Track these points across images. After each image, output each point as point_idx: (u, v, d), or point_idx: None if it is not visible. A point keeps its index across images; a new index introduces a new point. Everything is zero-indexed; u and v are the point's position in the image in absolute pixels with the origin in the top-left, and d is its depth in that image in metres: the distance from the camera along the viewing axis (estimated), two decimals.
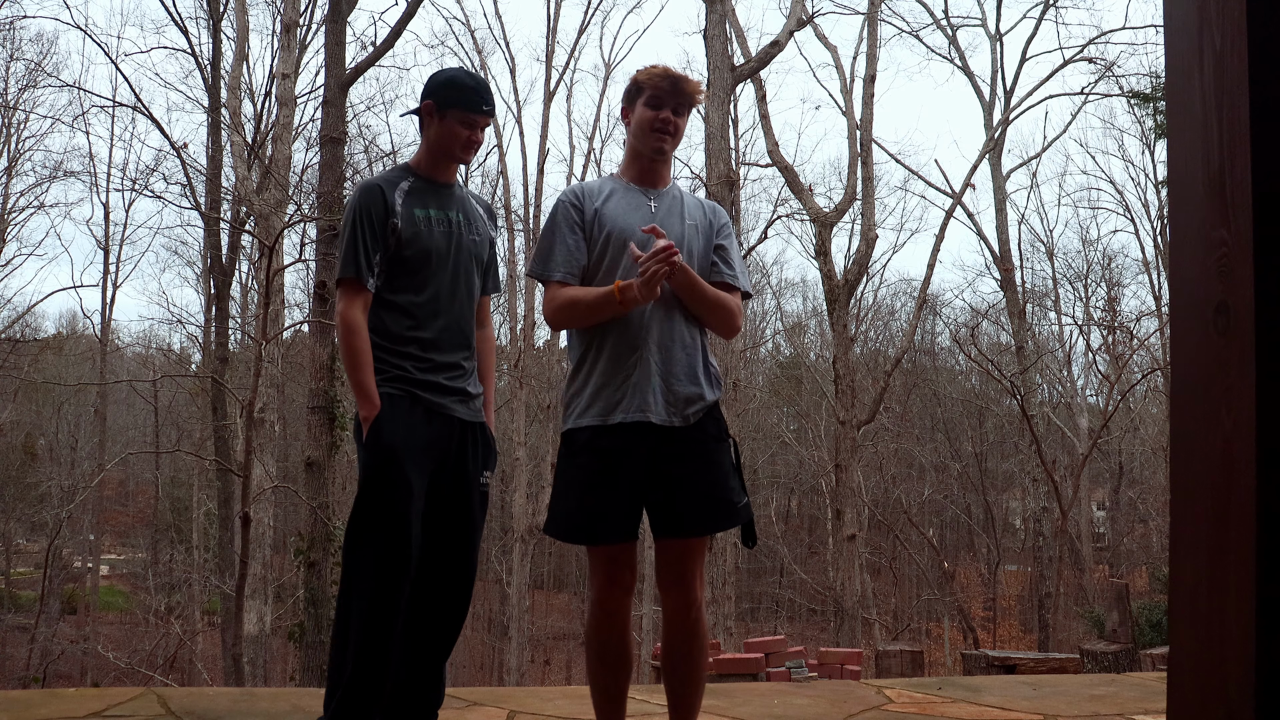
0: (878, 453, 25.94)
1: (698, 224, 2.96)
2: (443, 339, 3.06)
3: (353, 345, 2.96)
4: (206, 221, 19.05)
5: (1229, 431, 1.16)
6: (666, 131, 2.91)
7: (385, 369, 3.00)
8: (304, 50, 17.55)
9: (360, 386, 2.95)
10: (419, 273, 3.04)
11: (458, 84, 3.09)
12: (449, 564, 3.07)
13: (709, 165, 12.62)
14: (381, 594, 2.91)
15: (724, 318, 2.90)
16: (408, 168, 3.16)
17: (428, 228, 3.05)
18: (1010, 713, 4.01)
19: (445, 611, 3.09)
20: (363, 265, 2.99)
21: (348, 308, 2.99)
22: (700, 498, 2.81)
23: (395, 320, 3.03)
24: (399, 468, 2.93)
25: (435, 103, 3.08)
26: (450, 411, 3.05)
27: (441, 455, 3.04)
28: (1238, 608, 1.14)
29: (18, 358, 21.17)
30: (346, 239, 3.02)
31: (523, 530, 21.32)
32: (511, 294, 23.06)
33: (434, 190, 3.12)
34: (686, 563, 2.85)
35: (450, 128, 3.07)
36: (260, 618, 13.16)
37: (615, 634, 2.87)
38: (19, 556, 27.96)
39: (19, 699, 3.99)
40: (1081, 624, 19.57)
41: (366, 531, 2.95)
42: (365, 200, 3.02)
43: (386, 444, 2.93)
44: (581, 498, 2.81)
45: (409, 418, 2.98)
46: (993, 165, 22.58)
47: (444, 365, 3.05)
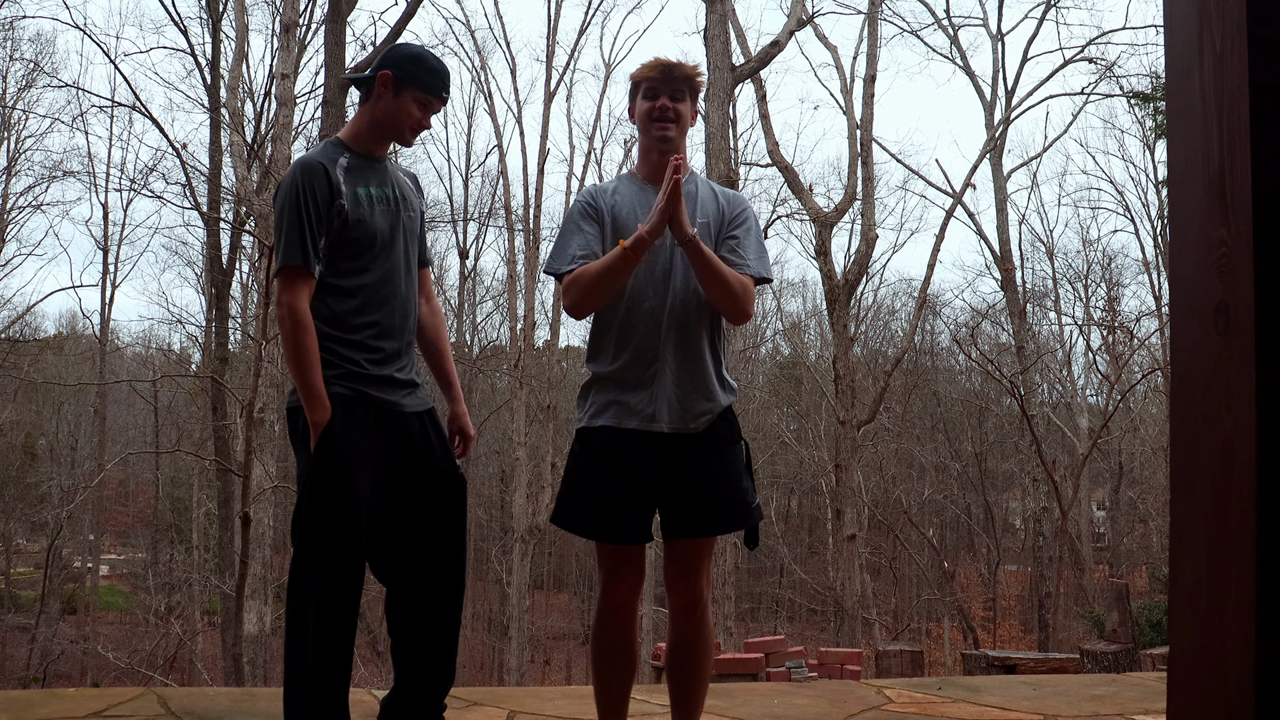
0: (878, 453, 25.93)
1: (710, 222, 2.89)
2: (392, 324, 2.93)
3: (300, 341, 2.77)
4: (206, 221, 19.06)
5: (1229, 431, 1.16)
6: (666, 119, 2.84)
7: (335, 363, 2.84)
8: (304, 50, 17.56)
9: (310, 388, 2.77)
10: (363, 254, 2.88)
11: (423, 62, 2.92)
12: (435, 557, 3.00)
13: (709, 165, 12.62)
14: (334, 609, 2.83)
15: (733, 296, 2.77)
16: (340, 142, 2.97)
17: (369, 206, 2.89)
18: (1010, 713, 4.01)
19: (441, 604, 3.03)
20: (309, 251, 2.81)
21: (293, 298, 2.78)
22: (711, 499, 2.82)
23: (341, 304, 2.86)
24: (348, 480, 2.80)
25: (394, 76, 2.89)
26: (402, 408, 2.94)
27: (401, 452, 2.94)
28: (1238, 608, 1.14)
29: (18, 358, 21.18)
30: (288, 222, 2.82)
31: (523, 530, 21.31)
32: (511, 294, 23.05)
33: (371, 167, 2.95)
34: (694, 561, 2.86)
35: (404, 105, 2.91)
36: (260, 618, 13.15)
37: (621, 633, 2.88)
38: (19, 556, 27.95)
39: (19, 699, 3.99)
40: (1081, 624, 19.57)
41: (315, 546, 2.83)
42: (308, 180, 2.83)
43: (339, 457, 2.79)
44: (595, 495, 2.83)
45: (361, 424, 2.84)
46: (993, 165, 22.58)
47: (394, 354, 2.93)
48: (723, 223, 2.91)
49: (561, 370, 25.70)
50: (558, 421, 22.73)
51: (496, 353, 28.89)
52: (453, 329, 28.30)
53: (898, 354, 20.83)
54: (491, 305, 30.87)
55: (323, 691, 2.84)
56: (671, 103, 2.85)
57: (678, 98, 2.86)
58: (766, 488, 30.02)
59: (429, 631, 3.03)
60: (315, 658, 2.82)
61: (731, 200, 2.96)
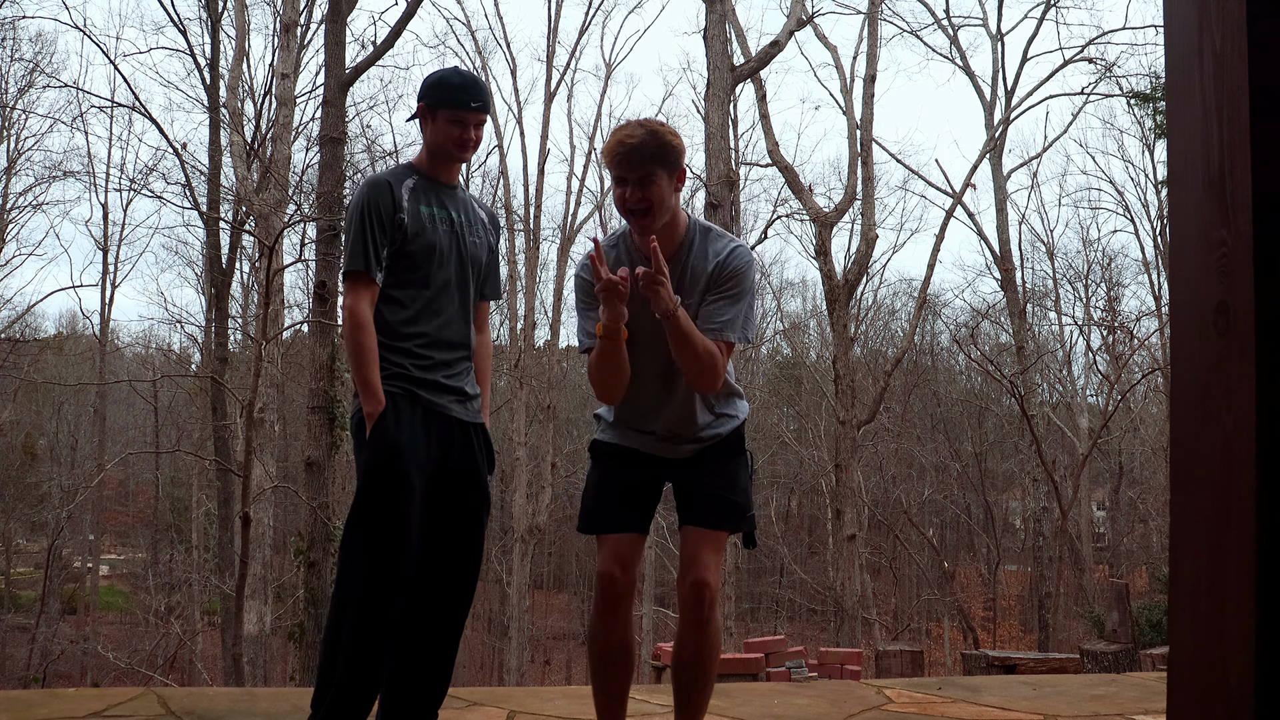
0: (878, 453, 25.94)
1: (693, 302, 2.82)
2: (442, 336, 3.06)
3: (360, 341, 2.96)
4: (206, 221, 19.05)
5: (1229, 431, 1.16)
6: (638, 211, 2.73)
7: (385, 365, 2.99)
8: (304, 50, 17.56)
9: (366, 383, 2.95)
10: (421, 268, 3.04)
11: (445, 83, 3.09)
12: (454, 563, 3.09)
13: (709, 165, 12.62)
14: (377, 595, 2.93)
15: (698, 368, 2.76)
16: (411, 166, 3.16)
17: (432, 224, 3.06)
18: (1010, 713, 4.01)
19: (448, 611, 3.10)
20: (371, 259, 2.99)
21: (355, 301, 2.98)
22: (707, 497, 2.92)
23: (395, 314, 3.03)
24: (402, 467, 2.93)
25: (427, 104, 3.08)
26: (448, 411, 3.05)
27: (442, 455, 3.04)
28: (1238, 608, 1.14)
29: (18, 358, 21.16)
30: (354, 232, 3.02)
31: (523, 530, 21.31)
32: (512, 294, 23.05)
33: (437, 189, 3.12)
34: (698, 550, 2.89)
35: (443, 128, 3.06)
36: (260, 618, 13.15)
37: (617, 632, 2.91)
38: (19, 556, 27.95)
39: (19, 699, 3.99)
40: (1081, 624, 19.58)
41: (366, 531, 2.96)
42: (373, 194, 3.02)
43: (391, 443, 2.93)
44: (599, 493, 2.97)
45: (410, 417, 2.98)
46: (993, 165, 22.58)
47: (442, 363, 3.06)
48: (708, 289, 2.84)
49: (561, 370, 25.71)
50: (558, 421, 22.75)
51: (497, 353, 28.90)
52: None
53: (898, 354, 20.84)
54: (492, 305, 30.86)
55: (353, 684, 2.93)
56: (641, 190, 2.71)
57: (646, 183, 2.71)
58: (766, 488, 30.02)
59: (432, 640, 3.07)
60: (350, 648, 2.92)
61: (721, 263, 2.83)
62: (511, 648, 21.63)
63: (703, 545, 2.90)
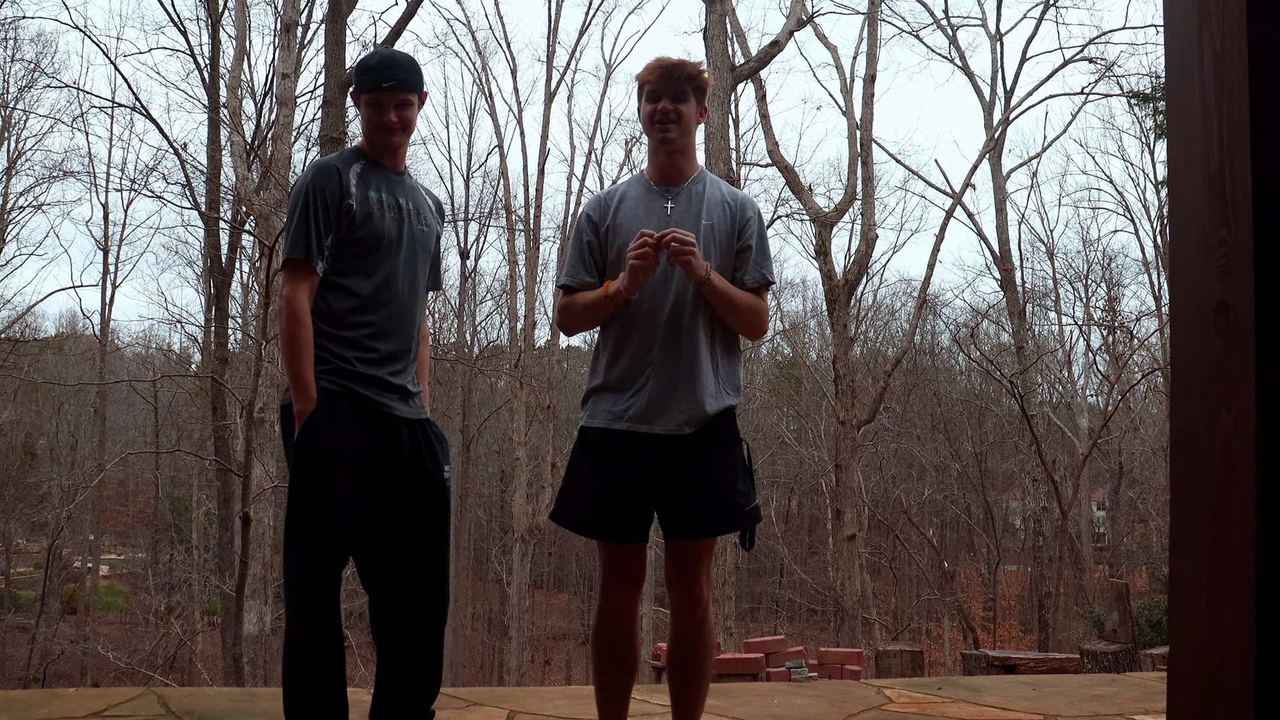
0: (878, 453, 25.93)
1: (715, 224, 2.90)
2: (389, 327, 2.96)
3: (294, 334, 2.85)
4: (206, 221, 19.05)
5: (1229, 431, 1.16)
6: (668, 120, 2.87)
7: (326, 358, 2.89)
8: (304, 50, 17.56)
9: (298, 378, 2.84)
10: (368, 255, 2.94)
11: (362, 66, 3.04)
12: (419, 561, 3.00)
13: (709, 165, 12.63)
14: (312, 599, 2.87)
15: (748, 321, 2.89)
16: (359, 150, 3.07)
17: (380, 210, 2.96)
18: (1010, 713, 4.01)
19: (423, 612, 3.01)
20: (313, 246, 2.88)
21: (293, 291, 2.87)
22: (705, 501, 2.83)
23: (341, 302, 2.92)
24: (325, 472, 2.84)
25: (353, 91, 3.04)
26: (390, 410, 2.95)
27: (384, 457, 2.94)
28: (1238, 608, 1.14)
29: (18, 358, 21.17)
30: (298, 218, 2.91)
31: (523, 530, 21.30)
32: (512, 294, 23.04)
33: (384, 175, 3.03)
34: (692, 561, 2.87)
35: (364, 112, 3.00)
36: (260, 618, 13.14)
37: (621, 632, 2.92)
38: (19, 556, 27.95)
39: (19, 699, 3.99)
40: (1081, 624, 19.57)
41: (293, 537, 2.89)
42: (320, 179, 2.93)
43: (318, 449, 2.84)
44: (589, 493, 2.87)
45: (345, 418, 2.88)
46: (993, 165, 22.57)
47: (388, 357, 2.95)
48: (733, 226, 2.93)
49: (562, 370, 25.69)
50: (558, 421, 22.73)
51: (496, 353, 28.88)
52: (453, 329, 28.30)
53: (898, 354, 20.82)
54: (491, 305, 30.82)
55: (310, 690, 2.85)
56: (673, 104, 2.87)
57: (679, 99, 2.88)
58: (766, 488, 30.02)
59: (411, 641, 3.02)
60: (298, 654, 2.85)
61: (741, 203, 2.98)
62: (511, 648, 21.63)
63: (695, 549, 2.87)
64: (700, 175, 2.98)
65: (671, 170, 2.93)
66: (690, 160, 2.97)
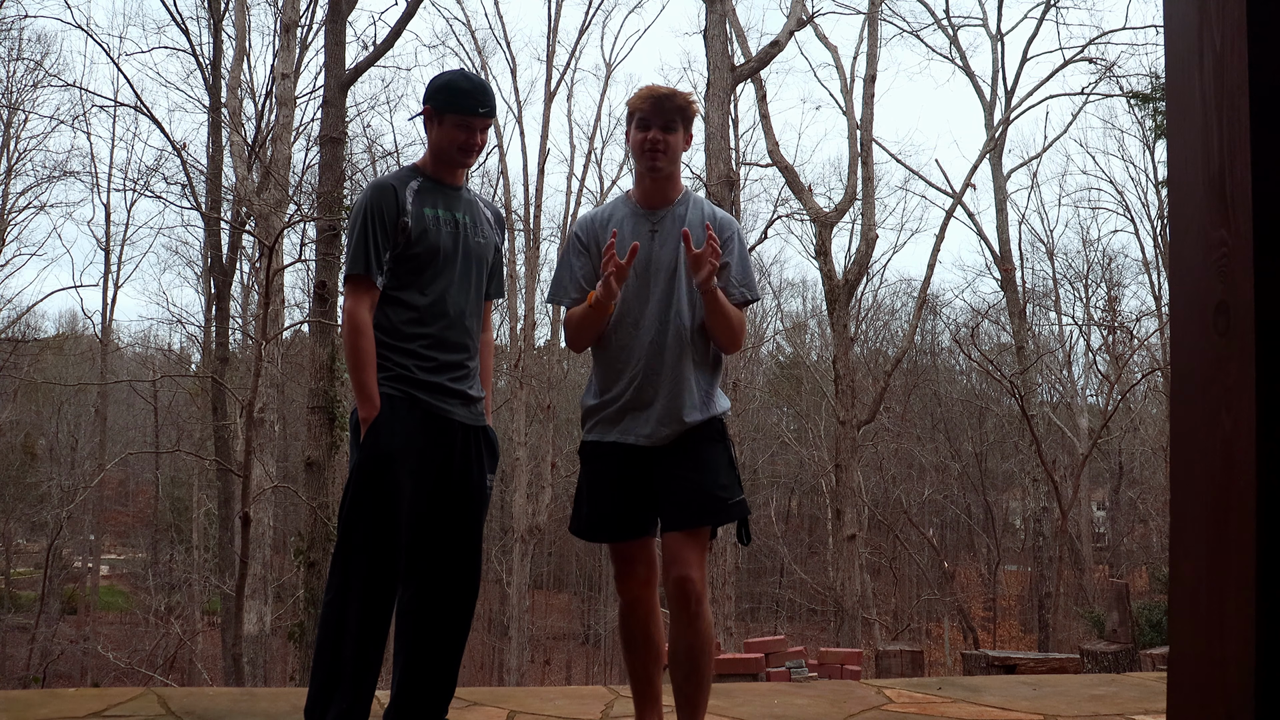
0: (878, 453, 25.93)
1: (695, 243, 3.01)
2: (447, 338, 3.07)
3: (357, 345, 2.96)
4: (206, 221, 19.05)
5: (1229, 431, 1.16)
6: (656, 150, 3.01)
7: (388, 367, 3.01)
8: (304, 50, 17.56)
9: (362, 386, 2.96)
10: (425, 270, 3.05)
11: (453, 88, 3.09)
12: (455, 566, 3.09)
13: (709, 165, 12.62)
14: (375, 599, 2.94)
15: (735, 334, 3.05)
16: (416, 168, 3.17)
17: (436, 226, 3.07)
18: (1010, 713, 4.01)
19: (453, 613, 3.10)
20: (372, 262, 2.99)
21: (355, 305, 2.99)
22: (687, 494, 2.97)
23: (399, 316, 3.03)
24: (391, 474, 2.94)
25: (433, 108, 3.08)
26: (450, 415, 3.05)
27: (442, 459, 3.04)
28: (1238, 608, 1.14)
29: (18, 358, 21.17)
30: (357, 235, 3.02)
31: (523, 530, 21.31)
32: (512, 294, 23.05)
33: (442, 191, 3.13)
34: (680, 553, 2.95)
35: (448, 132, 3.07)
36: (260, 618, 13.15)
37: (639, 623, 3.06)
38: (19, 556, 27.93)
39: (19, 699, 3.99)
40: (1081, 624, 19.57)
41: (358, 537, 2.96)
42: (377, 198, 3.03)
43: (383, 450, 2.94)
44: (592, 502, 3.07)
45: (407, 422, 2.98)
46: (993, 165, 22.57)
47: (447, 365, 3.06)
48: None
49: (562, 370, 25.69)
50: (558, 421, 22.73)
51: (497, 353, 28.88)
52: None
53: (898, 354, 20.82)
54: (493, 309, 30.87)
55: (359, 685, 2.92)
56: (663, 134, 3.01)
57: (669, 129, 3.02)
58: (766, 488, 30.01)
59: (435, 643, 3.08)
60: (356, 650, 2.91)
61: (718, 224, 3.10)
62: (511, 648, 21.63)
63: (684, 543, 2.95)
64: (684, 197, 3.13)
65: (657, 195, 3.09)
66: (675, 184, 3.12)
